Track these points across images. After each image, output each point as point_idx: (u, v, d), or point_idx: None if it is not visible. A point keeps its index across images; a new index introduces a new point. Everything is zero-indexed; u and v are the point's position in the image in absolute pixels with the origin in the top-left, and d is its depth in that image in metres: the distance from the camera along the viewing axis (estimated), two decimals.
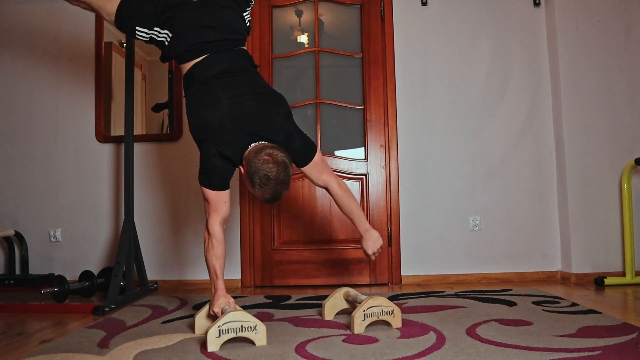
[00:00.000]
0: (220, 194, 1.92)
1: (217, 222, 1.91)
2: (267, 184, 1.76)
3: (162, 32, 1.95)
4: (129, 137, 2.76)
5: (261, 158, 1.76)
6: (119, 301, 2.47)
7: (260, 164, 1.75)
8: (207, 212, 1.93)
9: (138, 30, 1.96)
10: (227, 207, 1.94)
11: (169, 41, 1.95)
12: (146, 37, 1.97)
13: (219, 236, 1.90)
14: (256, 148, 1.81)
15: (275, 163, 1.75)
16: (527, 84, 3.12)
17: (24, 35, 3.23)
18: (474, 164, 3.09)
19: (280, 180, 1.77)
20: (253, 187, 1.79)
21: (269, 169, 1.74)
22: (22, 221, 3.15)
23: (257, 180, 1.76)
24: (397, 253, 3.04)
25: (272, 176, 1.75)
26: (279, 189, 1.79)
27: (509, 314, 2.10)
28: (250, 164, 1.77)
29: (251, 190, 1.83)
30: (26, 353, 1.71)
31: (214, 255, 1.89)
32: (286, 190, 1.83)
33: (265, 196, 1.80)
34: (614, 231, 2.93)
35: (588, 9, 3.00)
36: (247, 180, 1.81)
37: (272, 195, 1.80)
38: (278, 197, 1.82)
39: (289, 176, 1.79)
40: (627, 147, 2.95)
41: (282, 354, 1.62)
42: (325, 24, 3.24)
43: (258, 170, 1.75)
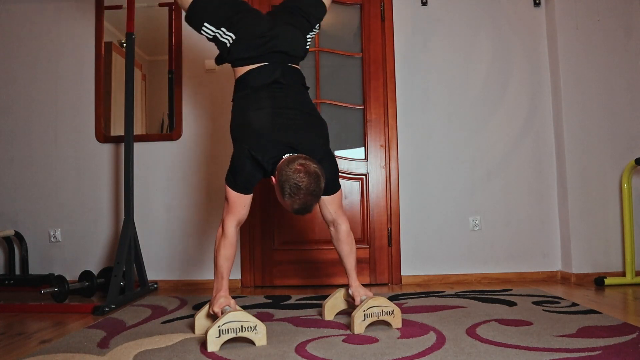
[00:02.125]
0: (242, 197, 1.91)
1: (233, 223, 1.90)
2: (297, 193, 1.72)
3: (228, 33, 1.99)
4: (129, 137, 2.76)
5: (293, 167, 1.74)
6: (119, 301, 2.47)
7: (292, 173, 1.73)
8: (225, 211, 1.92)
9: (205, 27, 2.00)
10: (245, 211, 1.93)
11: (231, 43, 2.00)
12: (211, 35, 2.02)
13: (231, 238, 1.89)
14: (290, 157, 1.79)
15: (307, 173, 1.73)
16: (527, 84, 3.12)
17: (24, 35, 3.23)
18: (474, 164, 3.09)
19: (311, 191, 1.73)
20: (283, 197, 1.76)
21: (300, 178, 1.72)
22: (22, 221, 3.15)
23: (287, 189, 1.73)
24: (397, 253, 3.04)
25: (303, 186, 1.72)
26: (309, 201, 1.75)
27: (509, 314, 2.10)
28: (282, 173, 1.75)
29: (281, 201, 1.80)
30: (26, 353, 1.71)
31: (224, 255, 1.88)
32: (316, 202, 1.80)
33: (294, 206, 1.76)
34: (614, 231, 2.93)
35: (588, 9, 3.00)
36: (278, 189, 1.78)
37: (301, 206, 1.76)
38: (308, 209, 1.78)
39: (320, 188, 1.76)
40: (627, 147, 2.95)
41: (282, 354, 1.62)
42: (325, 24, 3.24)
43: (289, 179, 1.73)
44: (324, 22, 3.21)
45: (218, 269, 1.89)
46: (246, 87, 1.98)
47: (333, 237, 2.09)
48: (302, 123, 1.93)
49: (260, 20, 2.04)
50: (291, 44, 2.02)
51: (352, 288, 2.04)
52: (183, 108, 3.14)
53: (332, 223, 2.06)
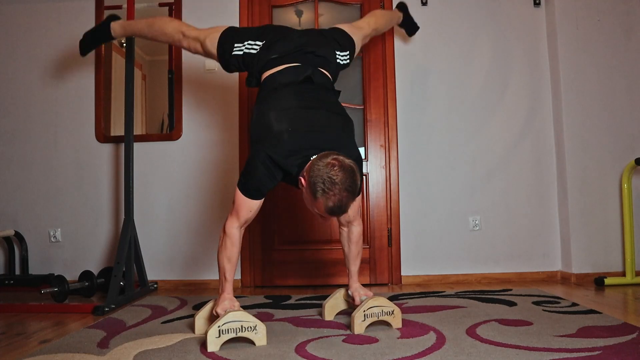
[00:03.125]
0: (248, 202, 1.81)
1: (236, 224, 1.83)
2: (332, 189, 1.59)
3: (256, 42, 2.04)
4: (129, 137, 2.76)
5: (326, 161, 1.62)
6: (119, 301, 2.47)
7: (325, 168, 1.61)
8: (230, 211, 1.85)
9: (236, 47, 2.05)
10: (250, 216, 1.84)
11: (259, 49, 2.02)
12: (239, 52, 2.05)
13: (234, 238, 1.82)
14: (321, 154, 1.67)
15: (341, 168, 1.61)
16: (527, 84, 3.12)
17: (24, 35, 3.23)
18: (474, 164, 3.08)
19: (347, 187, 1.60)
20: (315, 196, 1.62)
21: (334, 173, 1.60)
22: (22, 221, 3.15)
23: (319, 185, 1.60)
24: (397, 253, 3.04)
25: (338, 181, 1.59)
26: (344, 198, 1.61)
27: (509, 314, 2.10)
28: (313, 169, 1.63)
29: (311, 204, 1.67)
30: (26, 353, 1.71)
31: (226, 256, 1.82)
32: (352, 202, 1.66)
33: (328, 204, 1.61)
34: (614, 231, 2.93)
35: (588, 9, 3.00)
36: (308, 190, 1.65)
37: (336, 204, 1.61)
38: (343, 208, 1.63)
39: (356, 185, 1.63)
40: (627, 147, 2.95)
41: (282, 354, 1.62)
42: (325, 24, 3.23)
43: (322, 175, 1.60)
44: (323, 21, 3.22)
45: (221, 270, 1.85)
46: (274, 83, 1.93)
47: (343, 237, 2.05)
48: (330, 124, 1.85)
49: (288, 30, 2.11)
50: (320, 47, 2.04)
51: (352, 288, 2.04)
52: (183, 108, 3.14)
53: (347, 224, 2.01)
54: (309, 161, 1.71)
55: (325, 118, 1.85)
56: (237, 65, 2.11)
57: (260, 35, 2.07)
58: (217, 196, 3.08)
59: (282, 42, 2.03)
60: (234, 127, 3.10)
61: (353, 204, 1.92)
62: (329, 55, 2.07)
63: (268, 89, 1.94)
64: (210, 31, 2.16)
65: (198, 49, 2.20)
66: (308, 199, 1.69)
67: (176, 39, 2.26)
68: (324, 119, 1.85)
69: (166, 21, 2.36)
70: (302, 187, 1.71)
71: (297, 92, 1.89)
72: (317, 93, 1.94)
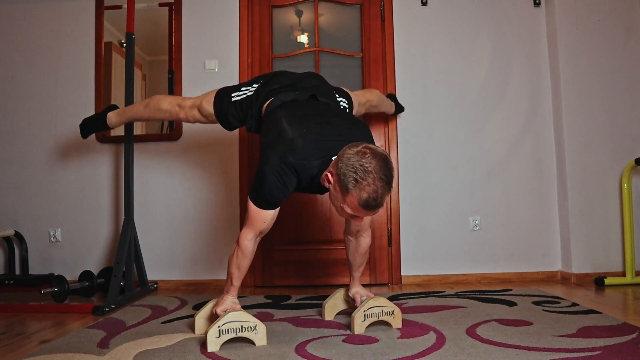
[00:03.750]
0: (261, 212, 1.70)
1: (250, 236, 1.74)
2: (365, 178, 1.45)
3: (252, 85, 2.04)
4: (129, 137, 2.76)
5: (357, 150, 1.49)
6: (119, 301, 2.47)
7: (355, 155, 1.48)
8: (245, 222, 1.75)
9: (233, 96, 2.04)
10: (265, 227, 1.74)
11: (257, 87, 2.01)
12: (238, 98, 2.04)
13: (246, 250, 1.75)
14: (349, 145, 1.54)
15: (374, 155, 1.47)
16: (527, 84, 3.12)
17: (24, 35, 3.23)
18: (474, 164, 3.08)
19: (381, 176, 1.46)
20: (346, 190, 1.48)
21: (367, 160, 1.46)
22: (22, 221, 3.15)
23: (351, 176, 1.46)
24: (397, 253, 3.04)
25: (372, 169, 1.45)
26: (380, 189, 1.46)
27: (509, 314, 2.10)
28: (342, 160, 1.50)
29: (341, 200, 1.53)
30: (26, 353, 1.71)
31: (236, 265, 1.77)
32: (388, 194, 1.50)
33: (362, 197, 1.46)
34: (614, 231, 2.93)
35: (588, 9, 3.00)
36: (338, 184, 1.52)
37: (371, 195, 1.45)
38: (378, 200, 1.47)
39: (391, 174, 1.49)
40: (627, 147, 2.95)
41: (282, 354, 1.62)
42: (325, 24, 3.24)
43: (353, 163, 1.46)
44: (324, 22, 3.22)
45: (229, 275, 1.81)
46: (278, 102, 1.88)
47: (350, 246, 2.00)
48: (347, 127, 1.76)
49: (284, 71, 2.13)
50: (319, 84, 2.03)
51: (353, 291, 2.04)
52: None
53: (357, 232, 1.93)
54: (332, 160, 1.61)
55: (340, 124, 1.77)
56: (236, 115, 2.06)
57: (256, 80, 2.08)
58: (217, 196, 3.08)
59: (279, 77, 2.04)
60: None
61: None
62: (329, 91, 2.04)
63: (273, 107, 1.87)
64: (205, 94, 2.18)
65: (196, 115, 2.17)
66: (337, 197, 1.55)
67: (174, 112, 2.24)
68: (340, 124, 1.76)
69: (160, 98, 2.34)
70: (329, 185, 1.59)
71: (307, 105, 1.86)
72: (328, 105, 1.91)
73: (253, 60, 3.14)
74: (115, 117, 2.54)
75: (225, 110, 2.07)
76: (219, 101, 2.09)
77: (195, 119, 2.20)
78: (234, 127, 2.16)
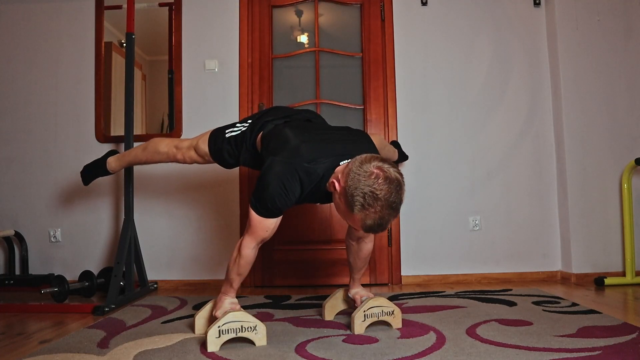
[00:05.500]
0: (264, 221, 1.65)
1: (253, 245, 1.70)
2: (373, 205, 1.40)
3: (247, 121, 2.03)
4: (129, 137, 2.76)
5: (369, 170, 1.42)
6: (119, 301, 2.47)
7: (367, 178, 1.41)
8: (246, 229, 1.70)
9: (227, 132, 2.02)
10: (268, 235, 1.69)
11: (251, 121, 2.00)
12: (232, 134, 2.01)
13: (248, 258, 1.72)
14: (362, 158, 1.47)
15: (386, 180, 1.41)
16: (527, 84, 3.12)
17: (24, 35, 3.23)
18: (474, 164, 3.08)
19: (390, 203, 1.41)
20: (352, 209, 1.44)
21: (378, 186, 1.40)
22: (22, 221, 3.15)
23: (359, 199, 1.41)
24: (397, 253, 3.04)
25: (382, 196, 1.40)
26: (387, 216, 1.43)
27: (509, 314, 2.10)
28: (351, 177, 1.43)
29: (346, 215, 1.49)
30: (26, 353, 1.71)
31: (237, 272, 1.75)
32: (394, 219, 1.46)
33: (366, 222, 1.43)
34: (614, 231, 2.93)
35: (588, 9, 3.00)
36: (344, 199, 1.47)
37: (376, 222, 1.42)
38: (383, 226, 1.44)
39: (401, 200, 1.44)
40: (627, 147, 2.95)
41: (282, 354, 1.62)
42: (325, 24, 3.24)
43: (362, 187, 1.40)
44: (324, 22, 3.22)
45: (229, 280, 1.79)
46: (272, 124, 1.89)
47: (351, 250, 1.98)
48: (347, 132, 1.79)
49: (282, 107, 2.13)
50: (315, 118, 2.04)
51: (353, 292, 2.04)
52: (183, 108, 3.14)
53: (359, 239, 1.92)
54: (339, 165, 1.57)
55: (343, 134, 1.78)
56: (231, 151, 2.01)
57: (251, 116, 2.08)
58: (217, 196, 3.08)
59: (274, 110, 2.04)
60: None
61: None
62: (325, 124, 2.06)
63: (271, 127, 1.88)
64: (201, 135, 2.16)
65: (193, 156, 2.16)
66: (342, 210, 1.51)
67: (171, 154, 2.22)
68: (343, 134, 1.78)
69: (158, 141, 2.31)
70: (335, 192, 1.54)
71: (306, 123, 1.90)
72: (323, 123, 1.97)
73: (253, 60, 3.14)
74: (115, 161, 2.50)
75: (219, 146, 2.03)
76: (214, 139, 2.06)
77: (192, 160, 2.18)
78: (230, 164, 2.09)
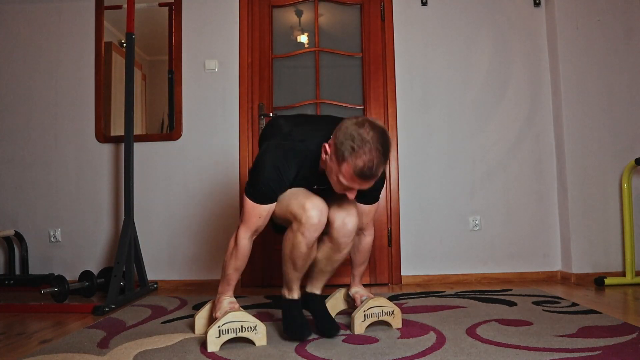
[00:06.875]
0: (257, 207, 1.68)
1: (248, 235, 1.72)
2: (362, 147, 1.46)
3: None
4: (129, 137, 2.75)
5: (355, 121, 1.51)
6: (119, 301, 2.47)
7: (353, 125, 1.50)
8: (240, 219, 1.74)
9: None
10: (261, 223, 1.72)
11: None
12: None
13: (243, 249, 1.74)
14: (350, 117, 1.58)
15: (373, 128, 1.49)
16: (527, 84, 3.12)
17: (24, 35, 3.23)
18: (474, 164, 3.08)
19: (378, 147, 1.47)
20: (342, 158, 1.49)
21: (365, 131, 1.48)
22: (22, 221, 3.15)
23: (348, 143, 1.47)
24: (397, 253, 3.04)
25: (369, 139, 1.46)
26: (376, 158, 1.47)
27: (509, 314, 2.10)
28: (340, 130, 1.52)
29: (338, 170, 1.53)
30: (26, 353, 1.70)
31: (233, 266, 1.76)
32: (383, 167, 1.51)
33: (357, 165, 1.47)
34: (614, 231, 2.93)
35: (588, 9, 3.00)
36: (334, 154, 1.52)
37: (366, 164, 1.46)
38: (373, 170, 1.48)
39: (388, 146, 1.50)
40: (627, 147, 2.95)
41: (282, 354, 1.62)
42: (325, 24, 3.24)
43: (351, 132, 1.48)
44: (324, 22, 3.22)
45: (226, 277, 1.79)
46: None
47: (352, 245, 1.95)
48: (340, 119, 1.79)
49: None
50: None
51: (353, 291, 2.03)
52: (183, 108, 3.14)
53: (359, 231, 1.93)
54: (329, 139, 1.61)
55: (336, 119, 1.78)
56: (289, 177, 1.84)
57: None
58: (217, 196, 3.08)
59: None
60: (233, 127, 3.10)
61: (368, 213, 1.90)
62: None
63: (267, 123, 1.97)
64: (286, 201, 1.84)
65: None
66: (333, 167, 1.56)
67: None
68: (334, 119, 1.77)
69: None
70: (326, 156, 1.59)
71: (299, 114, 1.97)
72: None
73: (253, 60, 3.14)
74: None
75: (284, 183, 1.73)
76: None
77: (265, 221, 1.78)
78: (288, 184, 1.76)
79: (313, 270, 1.92)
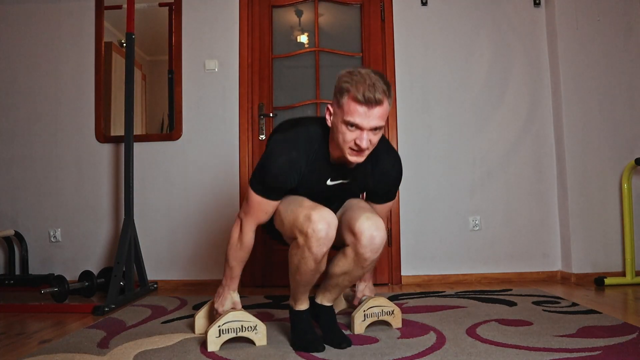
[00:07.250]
0: (264, 203, 1.63)
1: (253, 227, 1.70)
2: (360, 75, 1.46)
3: None
4: (129, 137, 2.75)
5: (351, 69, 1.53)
6: (119, 301, 2.47)
7: (348, 69, 1.52)
8: (244, 210, 1.68)
9: None
10: (266, 218, 1.69)
11: None
12: None
13: (248, 242, 1.72)
14: None
15: (369, 69, 1.53)
16: (527, 84, 3.12)
17: (24, 35, 3.23)
18: (474, 164, 3.08)
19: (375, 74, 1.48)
20: (342, 95, 1.48)
21: (359, 69, 1.51)
22: (22, 221, 3.15)
23: (345, 78, 1.48)
24: (397, 253, 3.04)
25: (365, 71, 1.48)
26: (375, 82, 1.45)
27: (509, 314, 2.10)
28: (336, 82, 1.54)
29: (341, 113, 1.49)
30: (26, 353, 1.70)
31: (237, 257, 1.74)
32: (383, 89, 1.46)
33: (359, 91, 1.44)
34: (614, 231, 2.93)
35: (588, 9, 3.00)
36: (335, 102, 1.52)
37: (368, 88, 1.43)
38: (376, 88, 1.44)
39: (386, 78, 1.51)
40: (627, 147, 2.95)
41: (282, 354, 1.62)
42: (325, 24, 3.24)
43: (347, 72, 1.51)
44: (324, 22, 3.22)
45: (230, 268, 1.76)
46: None
47: None
48: None
49: None
50: None
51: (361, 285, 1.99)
52: (183, 108, 3.14)
53: None
54: None
55: None
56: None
57: None
58: (217, 196, 3.08)
59: None
60: (233, 127, 3.10)
61: (381, 211, 1.84)
62: None
63: None
64: None
65: None
66: (338, 114, 1.51)
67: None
68: None
69: None
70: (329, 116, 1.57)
71: None
72: None
73: (253, 60, 3.14)
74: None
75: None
76: None
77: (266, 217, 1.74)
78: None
79: (327, 283, 1.81)
